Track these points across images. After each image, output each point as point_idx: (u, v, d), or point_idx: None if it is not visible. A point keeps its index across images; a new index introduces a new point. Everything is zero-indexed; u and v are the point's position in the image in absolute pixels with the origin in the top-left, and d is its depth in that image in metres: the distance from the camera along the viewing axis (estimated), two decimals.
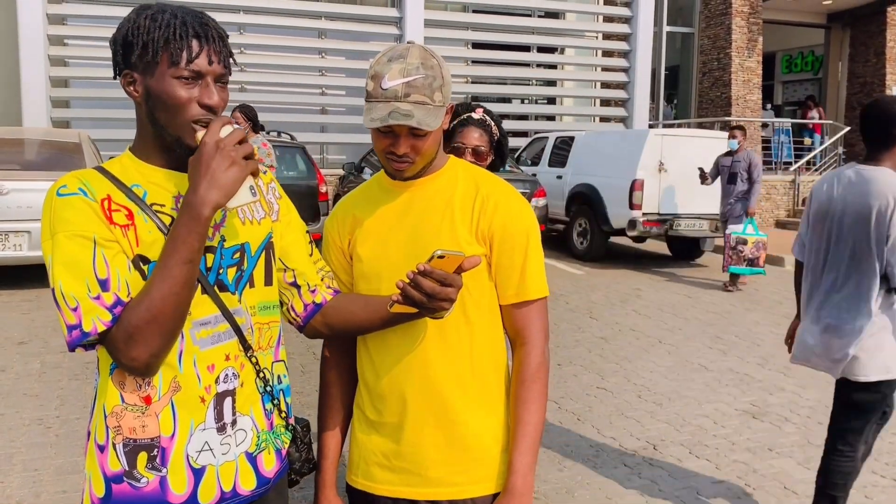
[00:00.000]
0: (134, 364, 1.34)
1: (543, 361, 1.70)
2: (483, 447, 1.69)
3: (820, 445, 4.46)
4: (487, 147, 2.60)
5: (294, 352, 6.11)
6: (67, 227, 1.33)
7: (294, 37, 14.69)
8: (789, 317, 7.81)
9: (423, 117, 1.53)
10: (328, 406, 1.82)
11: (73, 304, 1.32)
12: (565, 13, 17.38)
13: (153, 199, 1.45)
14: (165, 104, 1.40)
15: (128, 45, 1.41)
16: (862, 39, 19.75)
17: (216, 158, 1.34)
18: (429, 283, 1.42)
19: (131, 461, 1.43)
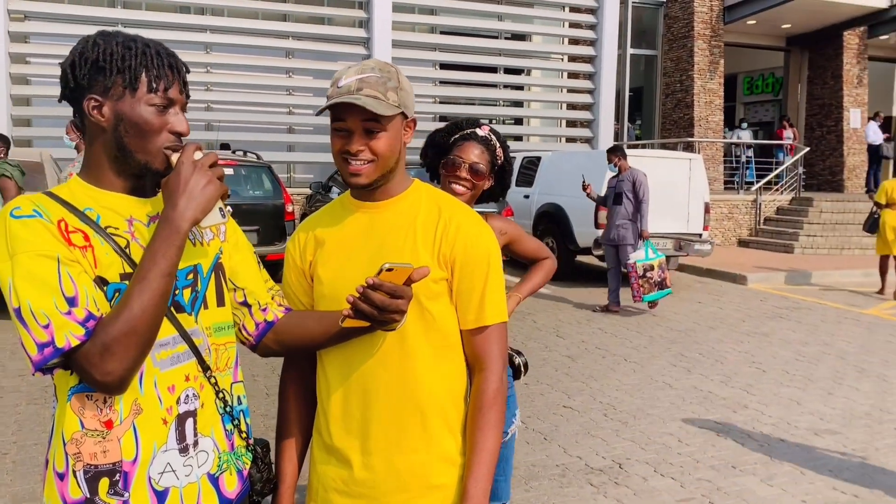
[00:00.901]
0: (108, 379, 1.32)
1: (501, 387, 1.69)
2: (441, 473, 1.67)
3: (782, 463, 4.52)
4: (487, 167, 2.44)
5: (259, 374, 6.05)
6: (28, 247, 1.32)
7: (261, 56, 14.67)
8: (752, 335, 7.93)
9: (372, 103, 1.55)
10: (286, 430, 1.79)
11: (45, 321, 1.30)
12: (531, 35, 17.60)
13: (106, 222, 1.45)
14: (139, 130, 1.44)
15: (98, 69, 1.42)
16: (820, 62, 20.25)
17: (194, 177, 1.40)
18: (379, 296, 1.43)
19: (92, 488, 1.41)
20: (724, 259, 13.07)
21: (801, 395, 5.88)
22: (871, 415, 5.44)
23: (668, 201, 10.64)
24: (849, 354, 7.18)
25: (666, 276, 8.67)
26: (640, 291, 8.59)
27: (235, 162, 10.16)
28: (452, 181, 2.42)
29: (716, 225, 15.10)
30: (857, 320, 8.83)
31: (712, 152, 17.76)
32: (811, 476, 4.34)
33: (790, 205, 15.92)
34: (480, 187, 2.45)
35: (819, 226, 14.73)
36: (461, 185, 2.41)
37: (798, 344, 7.58)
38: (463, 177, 2.40)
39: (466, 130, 2.47)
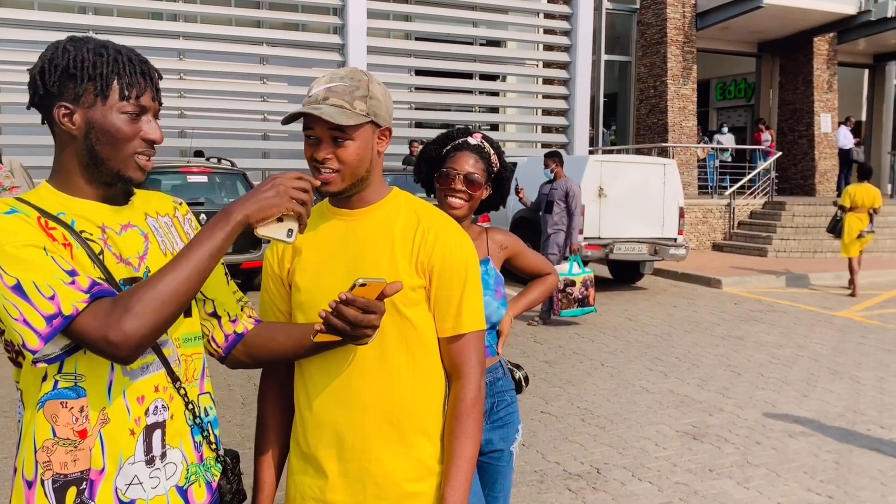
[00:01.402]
0: (121, 339, 1.28)
1: (479, 395, 1.69)
2: (418, 481, 1.67)
3: (758, 465, 4.55)
4: (483, 176, 2.34)
5: (234, 384, 5.99)
6: (13, 239, 1.30)
7: (235, 63, 14.58)
8: (727, 338, 7.99)
9: (333, 112, 1.56)
10: (264, 439, 1.78)
11: (49, 293, 1.28)
12: (506, 42, 17.66)
13: (80, 227, 1.43)
14: (112, 138, 1.42)
15: (69, 76, 1.40)
16: (790, 68, 20.52)
17: (268, 184, 1.46)
18: (351, 311, 1.42)
19: (60, 498, 1.39)
20: (699, 263, 13.18)
21: (776, 397, 5.93)
22: (844, 416, 5.50)
23: (642, 206, 10.71)
24: (822, 357, 7.26)
25: (590, 294, 8.41)
26: (558, 306, 8.37)
27: (209, 169, 10.09)
28: (448, 194, 2.34)
29: (690, 229, 15.22)
30: (829, 322, 8.93)
31: (686, 157, 17.91)
32: (786, 478, 4.37)
33: (763, 209, 16.10)
34: (478, 198, 2.36)
35: (792, 229, 14.91)
36: (457, 197, 2.32)
37: (772, 346, 7.65)
38: (458, 188, 2.31)
39: (458, 140, 2.39)
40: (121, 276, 1.44)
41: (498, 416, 2.39)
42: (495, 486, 2.38)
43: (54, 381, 1.39)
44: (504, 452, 2.40)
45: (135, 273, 1.47)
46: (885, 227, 15.09)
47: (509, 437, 2.42)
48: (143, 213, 1.56)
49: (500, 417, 2.39)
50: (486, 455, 2.37)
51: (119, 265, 1.44)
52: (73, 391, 1.39)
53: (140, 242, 1.50)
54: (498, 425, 2.38)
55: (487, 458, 2.37)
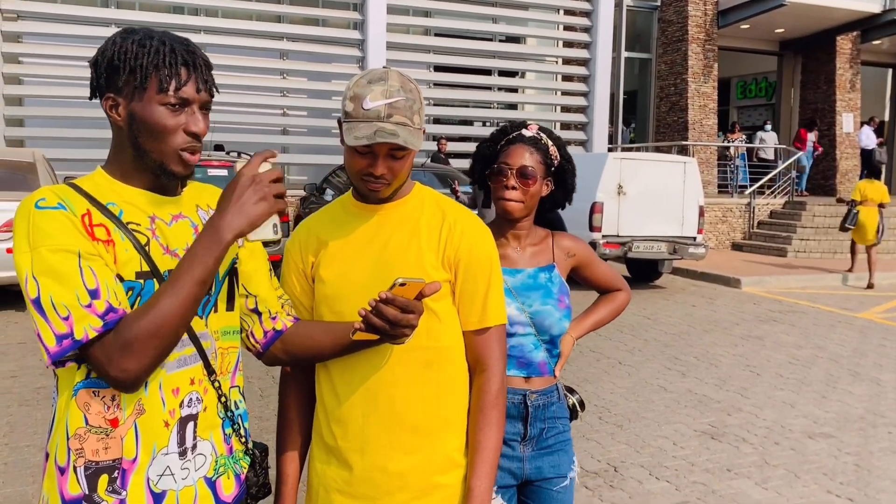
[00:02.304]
0: (123, 376, 1.31)
1: (502, 387, 1.71)
2: (445, 472, 1.68)
3: (777, 466, 4.52)
4: (540, 170, 2.13)
5: (252, 376, 6.03)
6: (50, 241, 1.31)
7: (256, 57, 14.65)
8: (746, 338, 7.94)
9: (408, 137, 1.55)
10: (287, 431, 1.79)
11: (65, 313, 1.29)
12: (526, 38, 17.62)
13: (128, 217, 1.43)
14: (151, 130, 1.41)
15: (113, 68, 1.40)
16: (813, 67, 20.33)
17: (249, 190, 1.37)
18: (391, 310, 1.42)
19: (92, 485, 1.40)
20: (718, 262, 13.10)
21: (795, 398, 5.89)
22: (864, 418, 5.45)
23: (662, 204, 10.66)
24: (842, 358, 7.20)
25: None
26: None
27: (229, 163, 10.13)
28: (501, 195, 2.13)
29: (710, 228, 15.13)
30: (850, 324, 8.85)
31: (706, 156, 17.80)
32: (805, 479, 4.35)
33: (783, 209, 15.97)
34: (535, 194, 2.14)
35: (812, 230, 14.78)
36: (511, 194, 2.11)
37: (792, 347, 7.59)
38: (511, 185, 2.10)
39: (511, 134, 2.19)
40: (166, 267, 1.44)
41: (547, 443, 2.18)
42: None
43: (87, 370, 1.40)
44: (560, 479, 2.19)
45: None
46: None
47: (562, 465, 2.20)
48: (194, 204, 1.56)
49: (550, 445, 2.18)
50: (542, 481, 2.18)
51: (165, 256, 1.45)
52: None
53: (189, 234, 1.51)
54: (546, 453, 2.18)
55: (542, 483, 2.18)
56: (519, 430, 2.15)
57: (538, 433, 2.17)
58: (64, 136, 12.78)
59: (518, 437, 2.15)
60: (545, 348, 2.17)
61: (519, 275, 2.16)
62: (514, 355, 2.13)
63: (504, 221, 2.19)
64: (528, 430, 2.15)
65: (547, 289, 2.17)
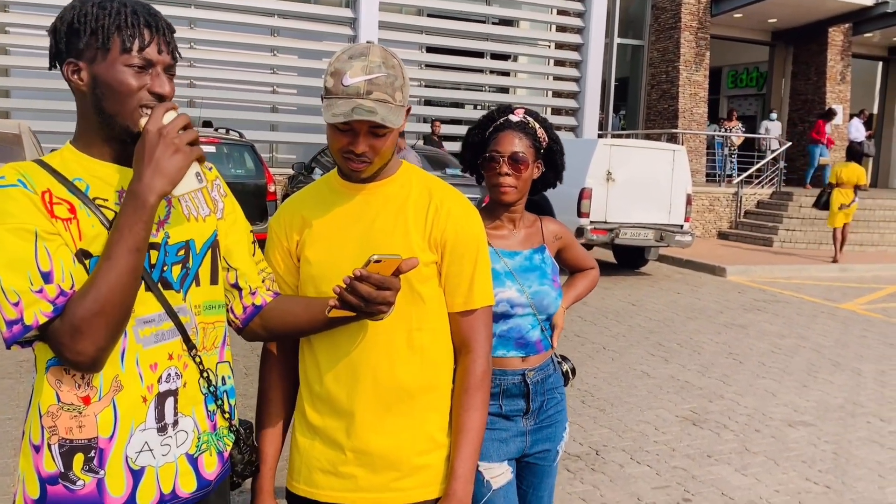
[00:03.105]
0: (80, 359, 1.30)
1: (487, 369, 1.71)
2: (427, 452, 1.68)
3: (757, 453, 4.57)
4: (531, 154, 2.15)
5: (238, 353, 6.02)
6: (6, 220, 1.28)
7: (246, 34, 14.50)
8: (729, 326, 7.99)
9: (387, 114, 1.52)
10: (268, 409, 1.78)
11: (15, 299, 1.27)
12: (519, 21, 17.54)
13: (96, 193, 1.41)
14: (115, 92, 1.37)
15: (73, 32, 1.37)
16: (804, 58, 20.36)
17: (160, 146, 1.33)
18: (366, 287, 1.41)
19: (67, 462, 1.39)
20: (704, 251, 13.16)
21: (777, 386, 5.95)
22: (844, 408, 5.51)
23: (650, 192, 10.68)
24: (824, 348, 7.27)
25: None
26: None
27: (218, 140, 10.07)
28: (494, 179, 2.16)
29: (697, 217, 15.18)
30: (832, 314, 8.93)
31: (696, 144, 17.83)
32: (784, 466, 4.40)
33: (770, 199, 16.04)
34: (528, 178, 2.17)
35: (798, 220, 14.86)
36: (506, 181, 2.14)
37: (774, 336, 7.66)
38: (504, 171, 2.13)
39: (499, 120, 2.21)
40: None
41: (547, 414, 2.24)
42: (541, 485, 2.28)
43: None
44: (551, 452, 2.27)
45: (152, 239, 1.44)
46: (891, 220, 15.05)
47: (557, 436, 2.28)
48: None
49: (549, 416, 2.25)
50: (533, 455, 2.24)
51: None
52: None
53: (161, 206, 1.47)
54: (546, 424, 2.24)
55: (534, 458, 2.24)
56: (521, 406, 2.19)
57: (539, 406, 2.23)
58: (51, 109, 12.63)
59: (520, 413, 2.20)
60: (541, 327, 2.23)
61: (517, 257, 2.20)
62: (511, 336, 2.16)
63: (499, 206, 2.22)
64: (529, 405, 2.20)
65: (542, 270, 2.22)
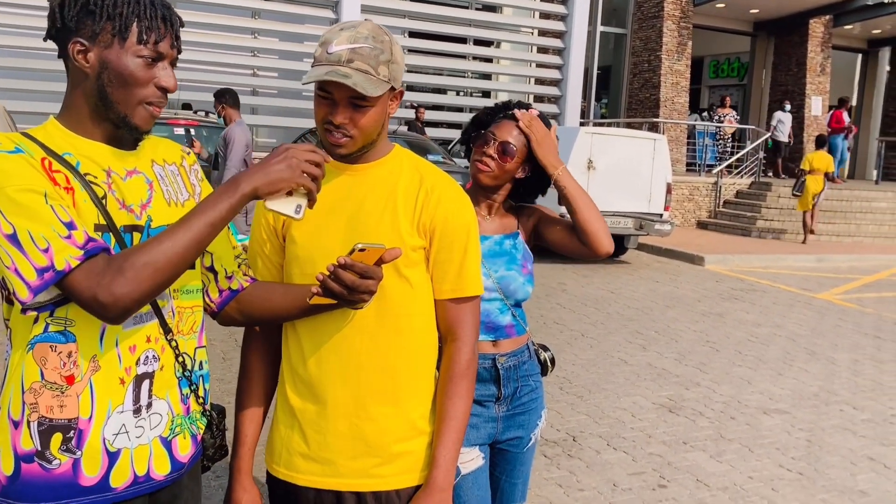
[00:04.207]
0: (110, 300, 1.27)
1: (473, 358, 1.70)
2: (409, 439, 1.67)
3: (732, 440, 4.62)
4: (522, 151, 2.16)
5: (215, 339, 5.99)
6: (14, 182, 1.27)
7: (226, 15, 14.34)
8: (707, 315, 8.06)
9: (362, 81, 1.50)
10: (248, 392, 1.77)
11: (44, 245, 1.26)
12: (502, 7, 17.47)
13: (85, 169, 1.40)
14: (124, 81, 1.38)
15: (87, 12, 1.36)
16: (785, 49, 20.47)
17: (279, 156, 1.40)
18: (349, 276, 1.41)
19: (44, 441, 1.39)
20: (683, 240, 13.24)
21: (752, 374, 6.01)
22: (818, 396, 5.58)
23: (630, 180, 10.73)
24: (800, 337, 7.35)
25: None
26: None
27: (196, 122, 9.98)
28: (477, 158, 2.17)
29: (676, 206, 15.27)
30: (808, 304, 9.03)
31: (676, 133, 17.91)
32: (759, 454, 4.45)
33: (749, 189, 16.16)
34: (509, 172, 2.17)
35: (776, 210, 14.99)
36: (485, 163, 2.15)
37: (751, 325, 7.73)
38: (489, 153, 2.14)
39: (512, 111, 2.22)
40: (122, 222, 1.42)
41: (520, 401, 2.24)
42: (513, 472, 2.29)
43: (45, 324, 1.38)
44: (523, 439, 2.26)
45: (136, 221, 1.44)
46: (867, 212, 15.22)
47: (530, 423, 2.27)
48: (150, 159, 1.53)
49: (523, 403, 2.25)
50: (505, 442, 2.24)
51: (121, 211, 1.42)
52: (63, 335, 1.38)
53: (144, 190, 1.48)
54: (519, 412, 2.24)
55: (506, 444, 2.25)
56: (493, 391, 2.20)
57: (512, 392, 2.23)
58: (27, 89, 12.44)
59: (493, 399, 2.20)
60: (511, 312, 2.22)
61: (487, 241, 2.20)
62: (482, 321, 2.15)
63: (479, 188, 2.22)
64: (501, 390, 2.20)
65: (511, 255, 2.22)
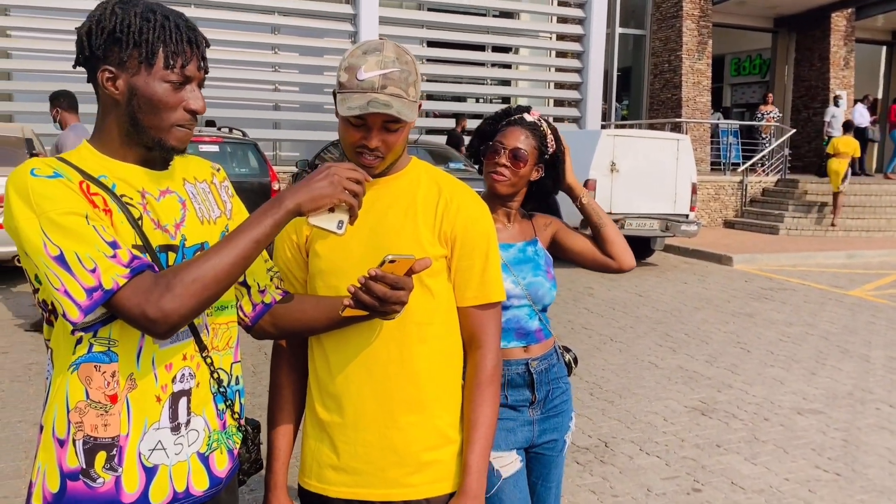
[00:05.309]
0: (159, 316, 1.29)
1: (498, 364, 1.72)
2: (438, 448, 1.68)
3: (766, 441, 4.56)
4: (533, 155, 2.20)
5: (244, 352, 6.03)
6: (56, 206, 1.29)
7: (247, 32, 14.48)
8: (737, 315, 7.98)
9: (402, 108, 1.54)
10: (279, 406, 1.79)
11: (91, 266, 1.29)
12: (520, 13, 17.47)
13: (121, 191, 1.42)
14: (153, 106, 1.40)
15: (114, 40, 1.38)
16: (807, 44, 20.25)
17: (322, 173, 1.43)
18: (380, 287, 1.43)
19: (89, 460, 1.41)
20: (710, 240, 13.13)
21: (785, 374, 5.93)
22: (853, 395, 5.50)
23: (655, 182, 10.66)
24: (832, 335, 7.25)
25: None
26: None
27: (221, 139, 10.08)
28: (490, 170, 2.20)
29: (702, 206, 15.14)
30: (840, 301, 8.90)
31: (699, 133, 17.77)
32: (794, 455, 4.39)
33: (776, 186, 15.98)
34: (524, 177, 2.20)
35: (804, 207, 14.81)
36: (500, 172, 2.18)
37: (782, 324, 7.64)
38: (502, 163, 2.17)
39: (514, 116, 2.27)
40: (157, 242, 1.44)
41: (553, 404, 2.28)
42: (549, 476, 2.30)
43: (89, 345, 1.40)
44: (558, 442, 2.30)
45: (171, 241, 1.46)
46: None
47: (563, 426, 2.31)
48: (181, 178, 1.56)
49: (555, 406, 2.29)
50: (540, 446, 2.27)
51: (156, 231, 1.44)
52: (107, 355, 1.40)
53: (178, 209, 1.50)
54: (552, 414, 2.28)
55: (542, 448, 2.28)
56: (527, 396, 2.23)
57: (544, 395, 2.26)
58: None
59: (527, 403, 2.24)
60: (539, 317, 2.27)
61: (511, 249, 2.24)
62: (511, 327, 2.20)
63: (494, 198, 2.25)
64: (535, 394, 2.23)
65: (535, 261, 2.27)
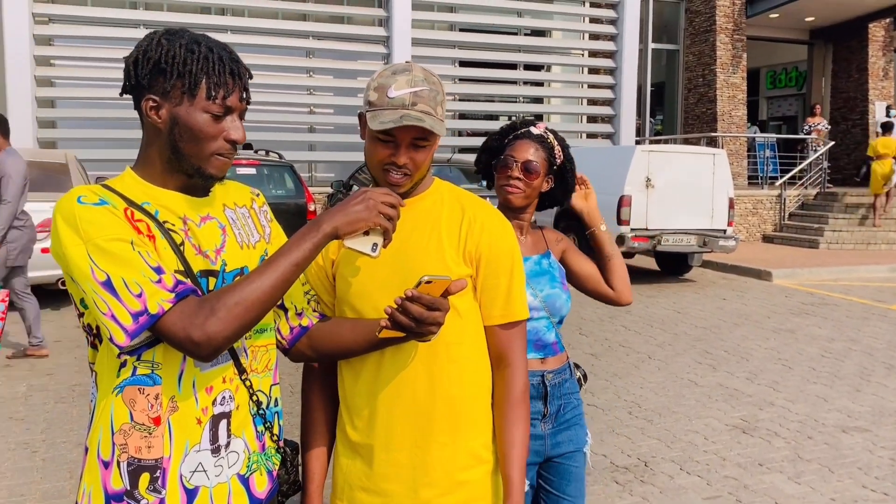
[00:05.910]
0: (204, 339, 1.33)
1: (527, 382, 1.73)
2: (470, 468, 1.68)
3: (810, 460, 4.47)
4: (543, 166, 2.26)
5: (283, 371, 6.08)
6: (102, 233, 1.33)
7: (282, 56, 14.73)
8: (777, 331, 7.84)
9: (433, 123, 1.57)
10: (312, 428, 1.80)
11: (137, 291, 1.33)
12: (551, 31, 17.53)
13: (163, 217, 1.46)
14: (194, 136, 1.44)
15: (159, 70, 1.42)
16: (844, 55, 19.98)
17: (357, 198, 1.48)
18: (417, 308, 1.44)
19: (133, 481, 1.44)
20: (749, 255, 12.95)
21: (829, 391, 5.81)
22: None
23: (691, 197, 10.56)
24: (876, 350, 7.09)
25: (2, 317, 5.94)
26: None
27: (258, 161, 10.23)
28: (504, 183, 2.26)
29: (740, 220, 14.96)
30: (883, 316, 8.71)
31: (735, 147, 17.59)
32: (840, 474, 4.29)
33: (815, 200, 15.73)
34: (536, 189, 2.27)
35: (844, 220, 14.55)
36: (513, 185, 2.24)
37: (824, 340, 7.49)
38: (515, 176, 2.23)
39: (520, 130, 2.33)
40: (198, 267, 1.47)
41: (564, 418, 2.32)
42: (569, 487, 2.32)
43: (133, 368, 1.43)
44: (577, 454, 2.33)
45: (211, 266, 1.49)
46: None
47: (578, 438, 2.34)
48: (221, 204, 1.59)
49: (567, 420, 2.32)
50: (561, 457, 2.31)
51: (197, 257, 1.47)
52: (150, 378, 1.43)
53: (218, 235, 1.53)
54: (563, 428, 2.31)
55: (562, 458, 2.31)
56: (539, 409, 2.26)
57: (556, 410, 2.29)
58: (95, 137, 12.95)
59: (539, 416, 2.26)
60: (555, 329, 2.30)
61: (528, 262, 2.28)
62: (530, 339, 2.23)
63: (507, 211, 2.30)
64: (547, 408, 2.26)
65: (551, 274, 2.31)
